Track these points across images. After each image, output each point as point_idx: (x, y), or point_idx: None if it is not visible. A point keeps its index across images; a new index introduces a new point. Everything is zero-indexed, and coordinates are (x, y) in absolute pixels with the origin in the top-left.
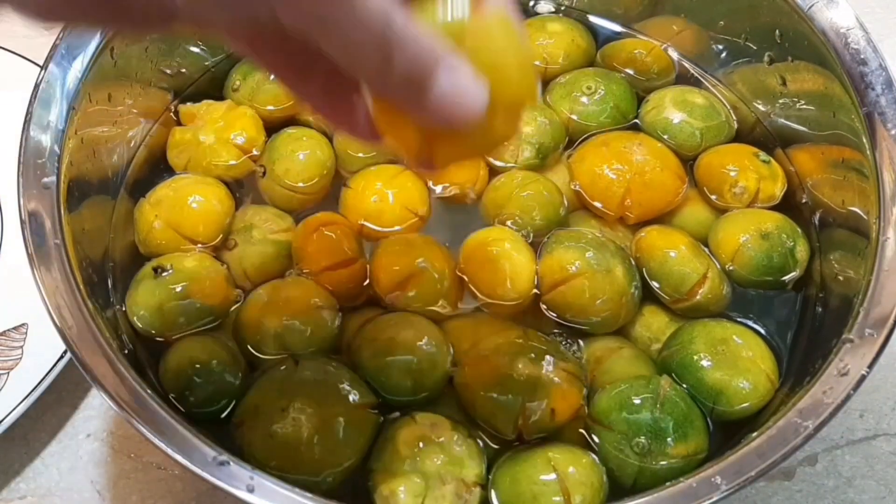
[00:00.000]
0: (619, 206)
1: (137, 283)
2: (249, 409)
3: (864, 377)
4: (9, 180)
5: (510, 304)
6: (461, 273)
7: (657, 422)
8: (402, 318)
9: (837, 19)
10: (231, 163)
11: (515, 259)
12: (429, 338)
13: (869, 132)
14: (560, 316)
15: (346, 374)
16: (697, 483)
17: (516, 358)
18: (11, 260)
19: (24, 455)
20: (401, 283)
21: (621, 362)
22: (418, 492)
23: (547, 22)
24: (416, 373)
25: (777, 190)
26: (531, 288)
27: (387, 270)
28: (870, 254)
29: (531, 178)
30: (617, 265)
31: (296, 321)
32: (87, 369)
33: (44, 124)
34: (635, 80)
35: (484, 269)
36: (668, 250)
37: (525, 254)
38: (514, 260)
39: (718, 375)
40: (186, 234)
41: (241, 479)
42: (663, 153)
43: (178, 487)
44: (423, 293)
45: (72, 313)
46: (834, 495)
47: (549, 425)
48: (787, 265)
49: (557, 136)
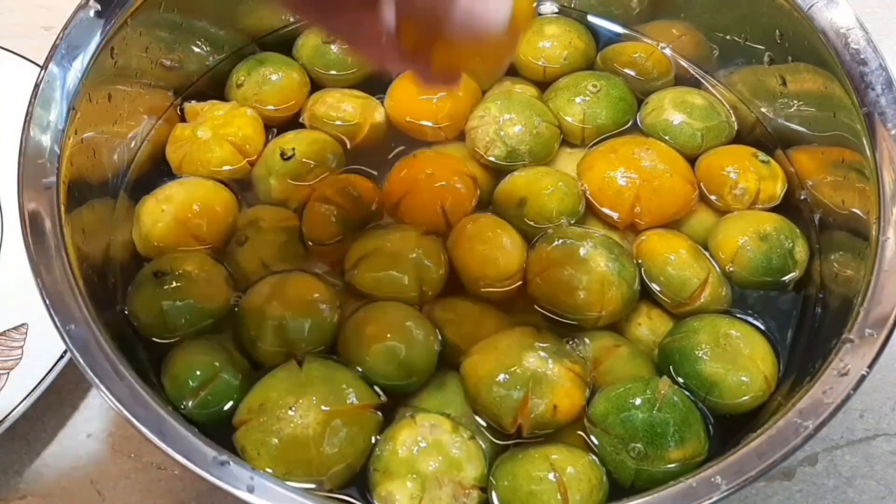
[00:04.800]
0: (629, 214)
1: (137, 286)
2: (254, 408)
3: (864, 377)
4: (9, 180)
5: (498, 290)
6: (450, 257)
7: (654, 426)
8: (383, 305)
9: (837, 19)
10: (225, 166)
11: (504, 241)
12: (411, 322)
13: (869, 132)
14: (544, 307)
15: (349, 373)
16: (697, 483)
17: (525, 352)
18: (11, 260)
19: (24, 455)
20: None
21: (620, 363)
22: (415, 494)
23: (545, 24)
24: (400, 358)
25: (777, 190)
26: (518, 273)
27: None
28: (870, 254)
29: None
30: (599, 256)
31: (296, 314)
32: (87, 369)
33: (44, 124)
34: (635, 81)
35: (473, 249)
36: (668, 255)
37: (514, 239)
38: (503, 242)
39: (715, 368)
40: (193, 231)
41: (241, 479)
42: (673, 158)
43: (178, 487)
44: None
45: (72, 313)
46: (834, 495)
47: (550, 422)
48: (787, 266)
49: (537, 149)
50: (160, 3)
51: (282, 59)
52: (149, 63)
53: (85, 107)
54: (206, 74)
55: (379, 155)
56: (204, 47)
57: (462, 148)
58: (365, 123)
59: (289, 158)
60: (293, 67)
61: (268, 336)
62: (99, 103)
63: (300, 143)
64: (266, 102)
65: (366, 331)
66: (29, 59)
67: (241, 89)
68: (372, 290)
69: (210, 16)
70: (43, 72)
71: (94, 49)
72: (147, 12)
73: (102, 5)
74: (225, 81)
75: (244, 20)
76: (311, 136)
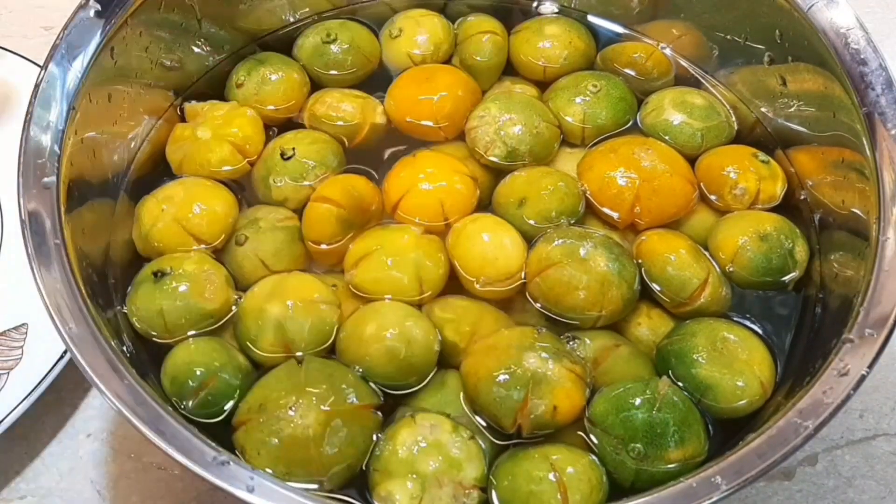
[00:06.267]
0: (629, 214)
1: (137, 286)
2: (254, 408)
3: (864, 377)
4: (9, 180)
5: (498, 290)
6: (450, 256)
7: (654, 427)
8: (383, 305)
9: (837, 19)
10: (225, 166)
11: (504, 241)
12: (410, 322)
13: (869, 132)
14: (543, 307)
15: (349, 373)
16: (697, 483)
17: (526, 352)
18: (11, 260)
19: (24, 455)
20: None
21: (620, 363)
22: (415, 493)
23: (545, 24)
24: (400, 358)
25: (777, 190)
26: (518, 273)
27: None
28: (870, 254)
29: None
30: (599, 256)
31: (295, 314)
32: (87, 369)
33: (44, 124)
34: (635, 81)
35: (473, 249)
36: (668, 255)
37: (515, 239)
38: (503, 242)
39: (711, 371)
40: (193, 231)
41: (241, 479)
42: (673, 158)
43: (178, 487)
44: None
45: (72, 313)
46: (834, 495)
47: (550, 423)
48: (787, 266)
49: (537, 149)
50: (160, 4)
51: (282, 59)
52: (149, 63)
53: (85, 107)
54: (206, 74)
55: (379, 155)
56: (204, 47)
57: (462, 148)
58: (365, 123)
59: (289, 158)
60: (293, 67)
61: (267, 336)
62: (99, 103)
63: (300, 143)
64: (266, 102)
65: (365, 330)
66: (29, 59)
67: (241, 89)
68: (372, 290)
69: (210, 15)
70: (43, 72)
71: (94, 49)
72: (147, 12)
73: (102, 5)
74: (225, 81)
75: (244, 20)
76: (311, 136)
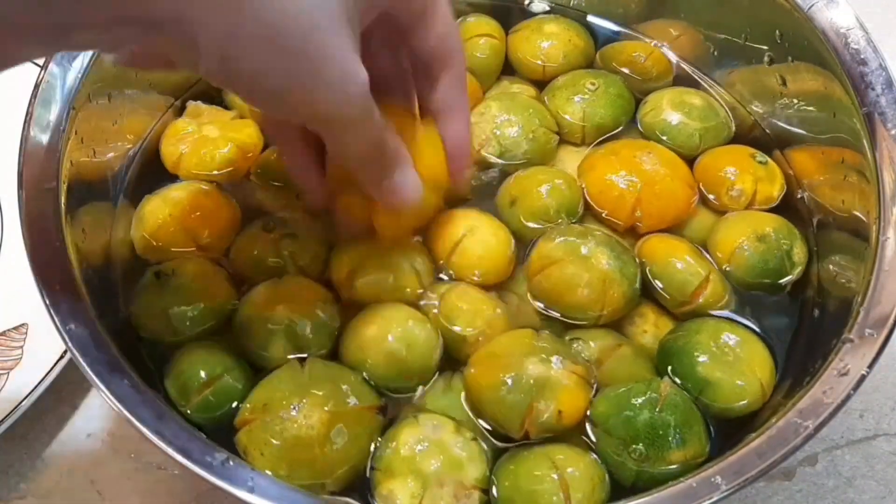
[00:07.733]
0: (630, 217)
1: (140, 289)
2: (258, 408)
3: (864, 377)
4: (9, 180)
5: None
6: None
7: (655, 428)
8: (383, 307)
9: (837, 19)
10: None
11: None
12: (412, 323)
13: (869, 132)
14: (546, 306)
15: (351, 375)
16: (697, 483)
17: (527, 357)
18: (11, 260)
19: (24, 455)
20: None
21: (622, 363)
22: (415, 493)
23: (544, 23)
24: (401, 360)
25: (775, 191)
26: (506, 270)
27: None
28: (870, 254)
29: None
30: (601, 254)
31: (298, 317)
32: (87, 369)
33: (44, 124)
34: (634, 80)
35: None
36: (668, 253)
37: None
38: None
39: (711, 369)
40: (193, 232)
41: (242, 479)
42: (674, 162)
43: (178, 487)
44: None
45: (72, 314)
46: (834, 495)
47: (556, 427)
48: (784, 267)
49: (531, 153)
50: None
51: None
52: None
53: (85, 107)
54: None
55: None
56: None
57: None
58: None
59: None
60: None
61: (269, 338)
62: (99, 103)
63: None
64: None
65: (366, 333)
66: None
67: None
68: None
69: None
70: (43, 72)
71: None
72: None
73: None
74: None
75: None
76: None
